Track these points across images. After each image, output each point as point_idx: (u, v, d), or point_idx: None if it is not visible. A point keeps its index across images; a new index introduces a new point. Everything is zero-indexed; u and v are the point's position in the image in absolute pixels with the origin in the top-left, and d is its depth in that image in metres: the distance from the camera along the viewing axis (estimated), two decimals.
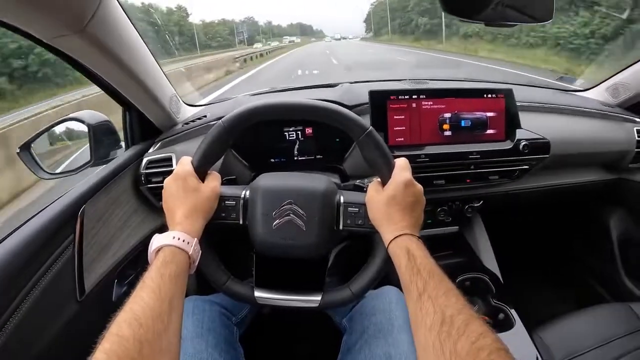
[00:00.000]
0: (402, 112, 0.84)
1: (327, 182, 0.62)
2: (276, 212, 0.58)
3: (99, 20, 0.57)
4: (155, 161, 0.82)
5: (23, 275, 0.54)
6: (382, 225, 0.54)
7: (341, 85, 1.05)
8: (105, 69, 0.67)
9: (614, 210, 1.15)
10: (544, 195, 1.03)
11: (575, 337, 0.77)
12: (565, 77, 1.56)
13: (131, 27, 0.67)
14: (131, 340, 0.37)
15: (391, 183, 0.55)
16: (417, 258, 0.48)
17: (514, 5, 0.72)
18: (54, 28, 0.54)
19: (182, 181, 0.56)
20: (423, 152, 0.85)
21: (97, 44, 0.60)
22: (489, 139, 0.88)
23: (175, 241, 0.49)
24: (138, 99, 0.78)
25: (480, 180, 0.90)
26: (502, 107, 0.88)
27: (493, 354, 0.35)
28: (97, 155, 0.84)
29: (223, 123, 0.58)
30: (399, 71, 10.27)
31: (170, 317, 0.42)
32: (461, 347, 0.36)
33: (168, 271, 0.46)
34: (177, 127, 0.92)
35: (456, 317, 0.39)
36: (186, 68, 8.69)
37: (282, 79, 10.58)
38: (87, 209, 0.67)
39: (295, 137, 0.88)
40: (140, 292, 0.43)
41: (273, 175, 0.63)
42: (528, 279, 1.23)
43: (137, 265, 0.84)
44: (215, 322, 0.73)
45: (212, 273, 0.60)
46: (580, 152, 0.98)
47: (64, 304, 0.63)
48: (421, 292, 0.44)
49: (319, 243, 0.59)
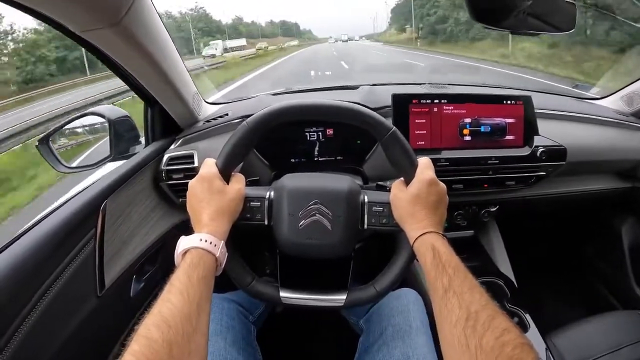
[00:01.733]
0: (423, 115, 0.85)
1: (351, 182, 0.62)
2: (302, 212, 0.59)
3: (133, 15, 0.57)
4: (176, 158, 0.82)
5: (44, 268, 0.54)
6: (407, 223, 0.55)
7: (362, 87, 1.05)
8: (135, 64, 0.67)
9: (626, 218, 1.16)
10: (558, 201, 1.04)
11: (586, 343, 0.78)
12: (581, 85, 1.57)
13: (161, 23, 0.67)
14: (160, 342, 0.37)
15: (415, 182, 0.56)
16: (442, 255, 0.48)
17: (536, 14, 0.73)
18: (88, 21, 0.54)
19: (207, 183, 0.55)
20: (443, 156, 0.85)
21: (129, 38, 0.60)
22: (508, 144, 0.88)
23: (202, 243, 0.49)
24: (163, 95, 0.78)
25: (497, 185, 0.91)
26: (521, 113, 0.89)
27: (517, 348, 0.36)
28: (116, 150, 0.84)
29: (248, 124, 0.58)
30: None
31: (199, 319, 0.43)
32: (486, 342, 0.37)
33: (196, 274, 0.46)
34: (198, 124, 0.92)
35: (481, 313, 0.40)
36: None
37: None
38: (109, 204, 0.67)
39: (316, 138, 0.89)
40: (168, 294, 0.43)
41: (297, 176, 0.64)
42: (541, 284, 1.23)
43: (155, 261, 0.84)
44: (234, 320, 0.73)
45: (237, 273, 0.60)
46: (595, 160, 0.99)
47: (84, 299, 0.63)
48: (447, 288, 0.44)
49: (344, 242, 0.60)
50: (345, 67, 13.23)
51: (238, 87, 9.18)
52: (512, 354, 0.36)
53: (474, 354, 0.37)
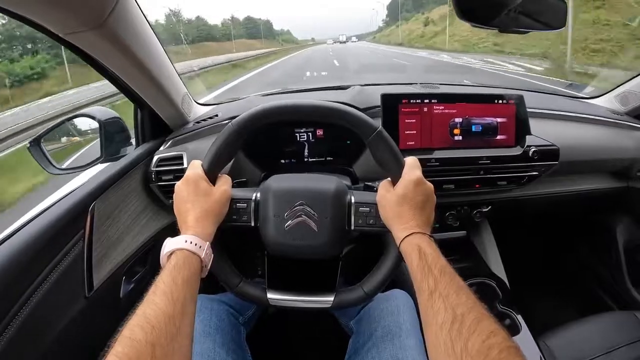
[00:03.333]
0: (413, 115, 0.84)
1: (338, 183, 0.62)
2: (288, 213, 0.58)
3: (117, 17, 0.57)
4: (166, 159, 0.82)
5: (32, 269, 0.54)
6: (394, 224, 0.54)
7: (352, 87, 1.05)
8: (121, 66, 0.67)
9: (620, 218, 1.15)
10: (551, 201, 1.03)
11: (580, 344, 0.78)
12: (575, 84, 1.56)
13: (147, 24, 0.67)
14: (143, 343, 0.37)
15: (401, 182, 0.55)
16: (428, 256, 0.48)
17: (527, 12, 0.72)
18: (71, 23, 0.54)
19: (193, 185, 0.55)
20: (433, 156, 0.85)
21: (114, 40, 0.59)
22: (499, 144, 0.88)
23: (187, 245, 0.49)
24: (151, 96, 0.78)
25: (488, 185, 0.90)
26: (513, 113, 0.88)
27: (504, 352, 0.35)
28: (107, 152, 0.84)
29: (233, 125, 0.58)
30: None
31: (183, 321, 0.42)
32: (472, 345, 0.36)
33: (180, 275, 0.46)
34: (188, 125, 0.92)
35: (467, 316, 0.39)
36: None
37: None
38: (98, 205, 0.67)
39: (306, 139, 0.88)
40: (152, 295, 0.43)
41: (283, 177, 0.63)
42: (534, 285, 1.23)
43: (145, 262, 0.84)
44: (224, 322, 0.73)
45: (225, 275, 0.60)
46: (589, 159, 0.98)
47: (72, 300, 0.62)
48: (432, 290, 0.44)
49: (331, 243, 0.59)
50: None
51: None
52: (498, 357, 0.35)
53: (459, 357, 0.36)
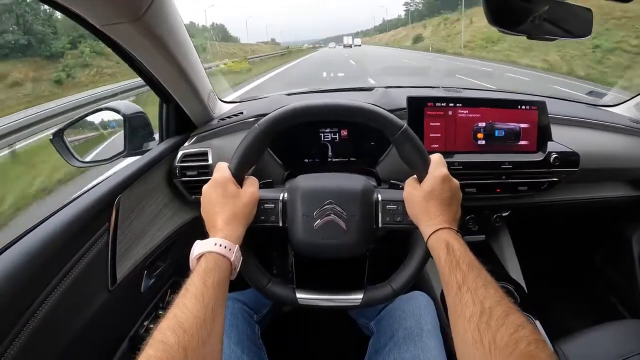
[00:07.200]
0: (438, 119, 0.84)
1: (365, 181, 0.62)
2: (317, 212, 0.59)
3: (155, 11, 0.57)
4: (190, 155, 0.82)
5: (58, 260, 0.55)
6: (421, 220, 0.55)
7: (376, 89, 1.05)
8: (153, 60, 0.67)
9: (637, 227, 1.15)
10: (569, 208, 1.03)
11: (594, 351, 0.78)
12: (595, 91, 1.56)
13: (181, 20, 0.67)
14: (175, 347, 0.37)
15: (428, 178, 0.56)
16: (456, 251, 0.48)
17: (552, 19, 0.72)
18: (110, 15, 0.54)
19: (221, 188, 0.55)
20: (457, 159, 0.85)
21: (149, 34, 0.60)
22: (521, 150, 0.88)
23: (217, 248, 0.49)
24: (179, 92, 0.78)
25: (509, 190, 0.90)
26: (535, 119, 0.88)
27: (532, 344, 0.36)
28: (131, 146, 0.85)
29: (259, 126, 0.58)
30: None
31: (214, 324, 0.42)
32: (500, 337, 0.37)
33: (211, 278, 0.46)
34: (212, 122, 0.92)
35: (495, 309, 0.40)
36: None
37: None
38: (123, 199, 0.68)
39: (331, 139, 0.89)
40: (183, 299, 0.43)
41: (310, 177, 0.64)
42: (550, 291, 1.22)
43: (166, 257, 0.84)
44: (238, 319, 0.73)
45: (253, 275, 0.60)
46: (608, 167, 0.98)
47: (95, 292, 0.63)
48: (460, 284, 0.44)
49: (360, 241, 0.60)
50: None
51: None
52: (526, 350, 0.35)
53: (487, 349, 0.37)
